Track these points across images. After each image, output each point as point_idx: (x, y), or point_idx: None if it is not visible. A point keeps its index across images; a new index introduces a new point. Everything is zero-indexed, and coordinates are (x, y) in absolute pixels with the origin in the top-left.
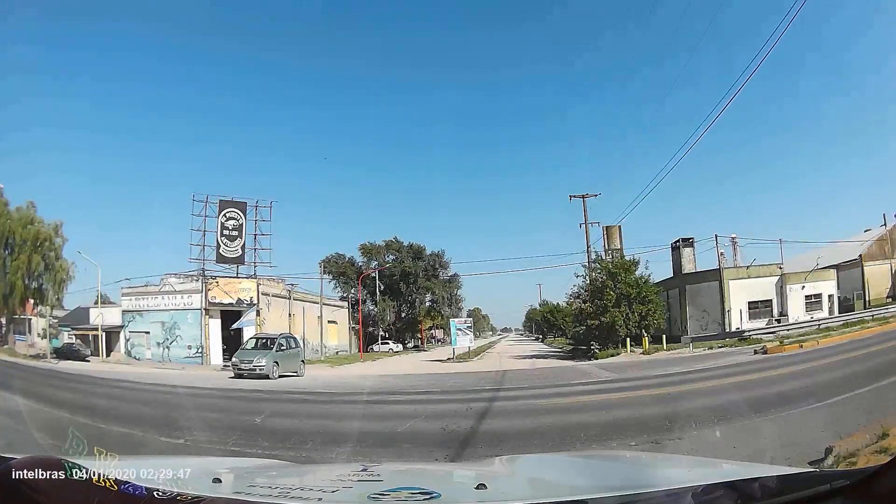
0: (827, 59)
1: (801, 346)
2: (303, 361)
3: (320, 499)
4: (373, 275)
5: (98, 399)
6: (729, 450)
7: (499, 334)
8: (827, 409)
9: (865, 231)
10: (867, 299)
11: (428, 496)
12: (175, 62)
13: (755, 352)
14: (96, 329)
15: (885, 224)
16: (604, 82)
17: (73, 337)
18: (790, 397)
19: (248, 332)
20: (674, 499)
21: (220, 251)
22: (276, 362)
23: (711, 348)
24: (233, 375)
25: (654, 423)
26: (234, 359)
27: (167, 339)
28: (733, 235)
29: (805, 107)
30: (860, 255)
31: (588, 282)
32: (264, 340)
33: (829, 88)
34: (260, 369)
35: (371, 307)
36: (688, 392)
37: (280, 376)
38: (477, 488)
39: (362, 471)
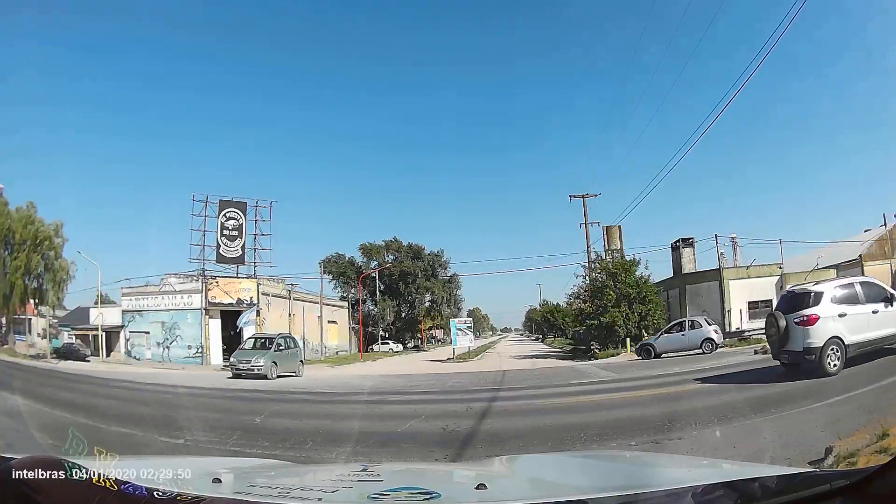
0: (827, 57)
1: None
2: (301, 361)
3: (320, 499)
4: (373, 275)
5: (98, 399)
6: (729, 450)
7: (499, 334)
8: (827, 409)
9: (865, 231)
10: None
11: (428, 496)
12: (176, 62)
13: (755, 352)
14: (96, 329)
15: (884, 224)
16: (604, 81)
17: (73, 337)
18: (790, 397)
19: (249, 333)
20: (674, 499)
21: (220, 251)
22: (275, 362)
23: None
24: (231, 376)
25: (655, 423)
26: (231, 359)
27: (167, 339)
28: (733, 235)
29: (805, 106)
30: (860, 256)
31: (588, 282)
32: (263, 340)
33: (828, 87)
34: (258, 369)
35: (371, 307)
36: (688, 392)
37: (279, 376)
38: (477, 488)
39: (362, 471)
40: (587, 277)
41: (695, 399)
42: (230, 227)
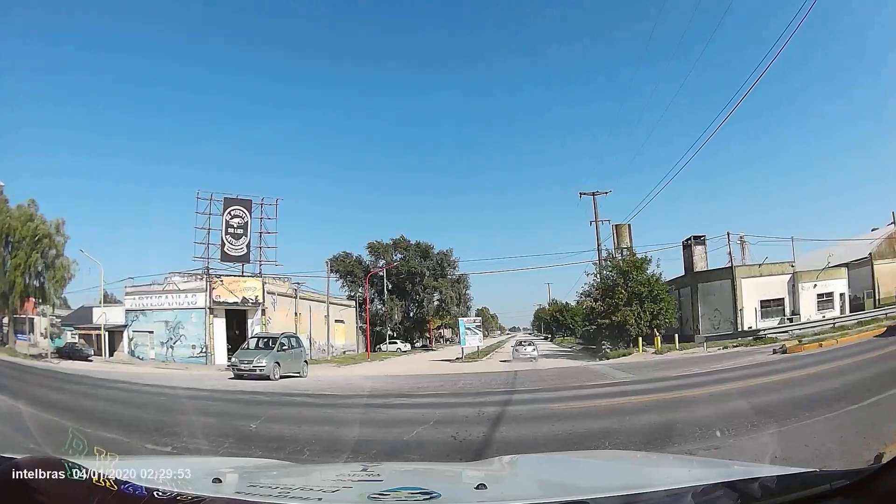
0: (836, 55)
1: (821, 345)
2: (306, 362)
3: (320, 498)
4: (380, 274)
5: (90, 401)
6: (770, 459)
7: (507, 334)
8: (866, 412)
9: (873, 230)
10: (877, 298)
11: (428, 496)
12: (183, 62)
13: (774, 351)
14: (99, 328)
15: (893, 222)
16: (613, 77)
17: (77, 336)
18: (824, 399)
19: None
20: (674, 499)
21: (225, 249)
22: (278, 363)
23: (726, 348)
24: (232, 376)
25: (685, 430)
26: (233, 359)
27: (171, 339)
28: (741, 234)
29: (815, 104)
30: (870, 254)
31: (599, 280)
32: (266, 340)
33: (838, 85)
34: (260, 370)
35: (379, 306)
36: (714, 395)
37: (282, 377)
38: (477, 488)
39: (362, 470)
40: (598, 276)
41: (724, 403)
42: (235, 225)
